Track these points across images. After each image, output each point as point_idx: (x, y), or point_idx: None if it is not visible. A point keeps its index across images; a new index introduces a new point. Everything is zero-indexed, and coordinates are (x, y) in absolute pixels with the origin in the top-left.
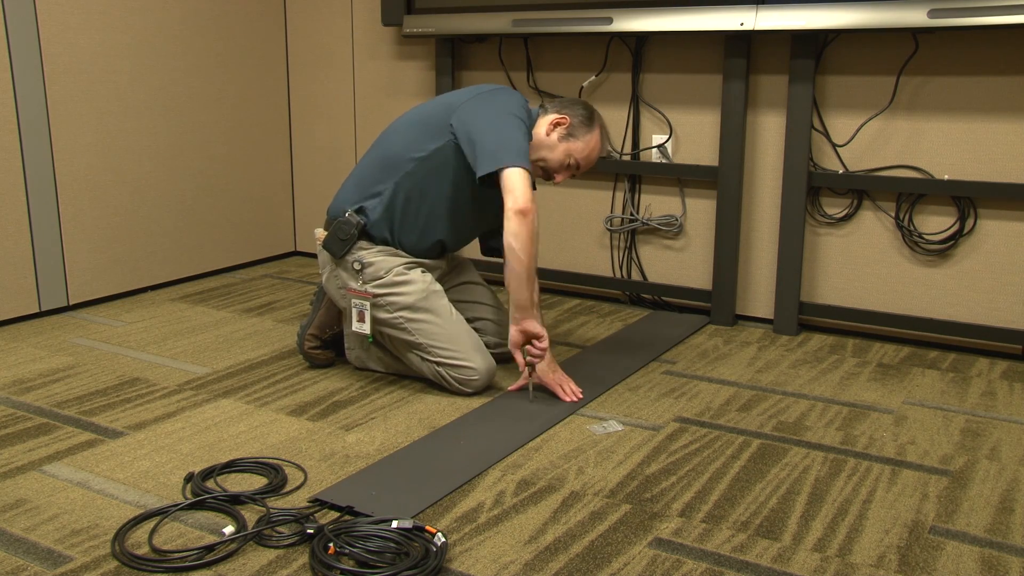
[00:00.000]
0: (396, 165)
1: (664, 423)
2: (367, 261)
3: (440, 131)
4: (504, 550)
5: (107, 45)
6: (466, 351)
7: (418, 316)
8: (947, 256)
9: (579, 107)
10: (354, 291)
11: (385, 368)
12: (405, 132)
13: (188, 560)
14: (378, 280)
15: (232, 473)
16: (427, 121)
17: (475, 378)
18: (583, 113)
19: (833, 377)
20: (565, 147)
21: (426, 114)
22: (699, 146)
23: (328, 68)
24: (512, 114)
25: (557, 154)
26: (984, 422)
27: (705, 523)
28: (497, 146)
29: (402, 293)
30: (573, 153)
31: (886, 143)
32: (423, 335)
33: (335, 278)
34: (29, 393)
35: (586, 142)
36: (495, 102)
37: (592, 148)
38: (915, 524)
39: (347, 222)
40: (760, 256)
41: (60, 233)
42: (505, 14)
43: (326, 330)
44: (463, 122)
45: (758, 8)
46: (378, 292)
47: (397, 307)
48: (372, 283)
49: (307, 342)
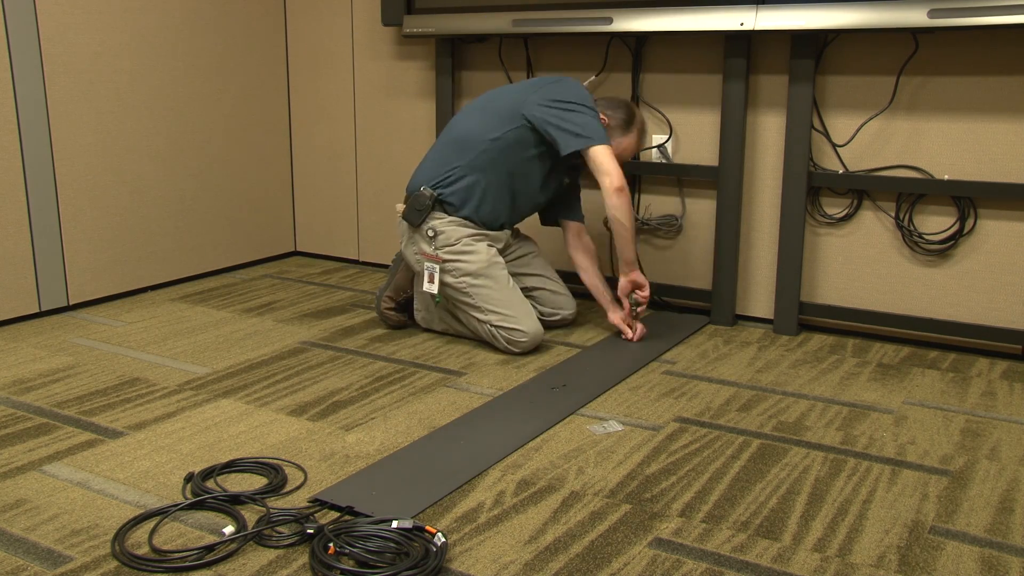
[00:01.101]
0: (471, 146)
1: (664, 423)
2: (440, 229)
3: (512, 117)
4: (504, 550)
5: (107, 45)
6: (518, 315)
7: (478, 282)
8: (947, 256)
9: (621, 109)
10: (427, 255)
11: (445, 328)
12: (478, 117)
13: (188, 560)
14: (448, 247)
15: (232, 473)
16: (498, 109)
17: (523, 340)
18: (622, 117)
19: (833, 377)
20: None
21: (495, 103)
22: (699, 146)
23: (328, 68)
24: (583, 103)
25: None
26: (984, 422)
27: (705, 523)
28: (581, 128)
29: (467, 261)
30: None
31: (886, 143)
32: (481, 299)
33: (412, 244)
34: (29, 393)
35: (619, 143)
36: (569, 91)
37: (625, 149)
38: (915, 524)
39: (423, 195)
40: (760, 256)
41: (60, 233)
42: (505, 14)
43: (400, 293)
44: (541, 108)
45: (758, 8)
46: (447, 258)
47: (462, 272)
48: (443, 249)
49: (383, 303)
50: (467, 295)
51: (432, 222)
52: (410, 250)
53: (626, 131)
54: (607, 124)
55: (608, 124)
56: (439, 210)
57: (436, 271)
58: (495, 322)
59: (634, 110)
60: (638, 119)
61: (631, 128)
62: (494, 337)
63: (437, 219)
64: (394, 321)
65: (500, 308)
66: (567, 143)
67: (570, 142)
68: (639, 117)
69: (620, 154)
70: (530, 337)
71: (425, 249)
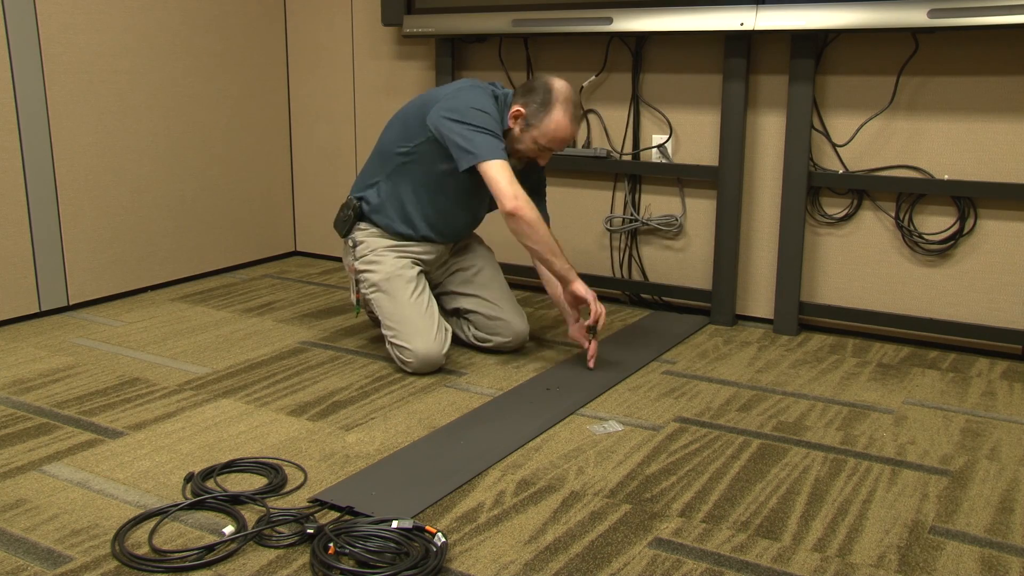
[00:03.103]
0: (388, 157)
1: (664, 423)
2: (359, 240)
3: (419, 129)
4: (504, 550)
5: (107, 45)
6: (409, 333)
7: (378, 294)
8: (947, 256)
9: (537, 92)
10: (349, 265)
11: None
12: (397, 127)
13: (188, 560)
14: (363, 257)
15: (232, 473)
16: (407, 120)
17: (410, 360)
18: (539, 97)
19: (833, 377)
20: (529, 137)
21: (407, 112)
22: (699, 146)
23: (328, 68)
24: (477, 109)
25: (526, 144)
26: (984, 422)
27: (705, 523)
28: (469, 141)
29: (373, 271)
30: (538, 139)
31: (886, 143)
32: (380, 311)
33: (345, 255)
34: (29, 393)
35: (546, 125)
36: (462, 99)
37: (555, 128)
38: (915, 524)
39: (347, 206)
40: (760, 256)
41: (60, 233)
42: (505, 14)
43: None
44: (437, 120)
45: (758, 8)
46: (360, 268)
47: (368, 283)
48: (359, 259)
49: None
50: (373, 306)
51: (355, 233)
52: (346, 260)
53: (546, 110)
54: (523, 114)
55: (524, 114)
56: (363, 220)
57: (354, 281)
58: (389, 337)
59: (553, 84)
60: (558, 91)
61: (551, 104)
62: (392, 354)
63: (360, 230)
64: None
65: (394, 323)
66: (459, 159)
67: (461, 158)
68: (560, 88)
69: (554, 133)
70: (418, 359)
71: (348, 259)
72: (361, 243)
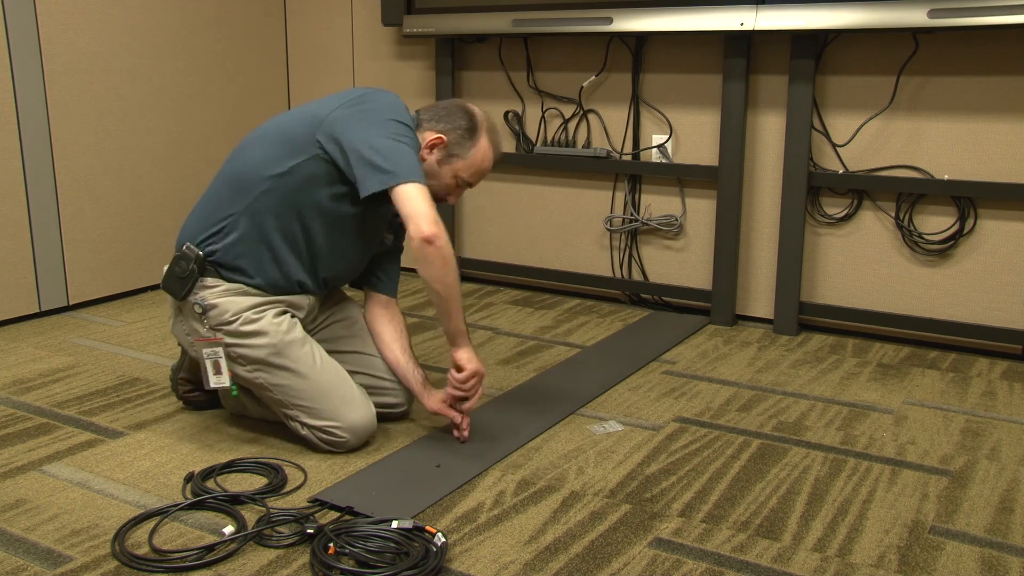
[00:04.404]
0: (248, 186)
1: (664, 423)
2: (209, 303)
3: (304, 145)
4: (504, 550)
5: (107, 45)
6: (334, 407)
7: (272, 372)
8: (947, 256)
9: (458, 116)
10: (202, 339)
11: (262, 415)
12: (261, 147)
13: (188, 560)
14: (225, 326)
15: (232, 473)
16: (287, 135)
17: (344, 437)
18: (463, 124)
19: (833, 377)
20: (449, 170)
21: (286, 126)
22: (699, 146)
23: (328, 68)
24: (396, 120)
25: (443, 179)
26: (984, 422)
27: (705, 523)
28: (385, 159)
29: (252, 345)
30: (460, 173)
31: (886, 143)
32: (281, 391)
33: (180, 321)
34: (29, 393)
35: (473, 156)
36: (374, 107)
37: (483, 159)
38: (915, 524)
39: (185, 256)
40: (760, 256)
41: (60, 233)
42: (505, 14)
43: (198, 372)
44: (336, 133)
45: (758, 8)
46: (229, 342)
47: (249, 361)
48: (220, 329)
49: (180, 386)
50: (266, 389)
51: (200, 293)
52: (179, 329)
53: (472, 139)
54: (445, 142)
55: (447, 142)
56: (210, 274)
57: (221, 357)
58: (304, 420)
59: (473, 110)
60: (481, 119)
61: (477, 133)
62: (310, 439)
63: (207, 288)
64: (200, 401)
65: (306, 400)
66: (366, 181)
67: (368, 180)
68: (481, 115)
69: (479, 167)
70: (355, 434)
71: (198, 330)
72: (213, 307)
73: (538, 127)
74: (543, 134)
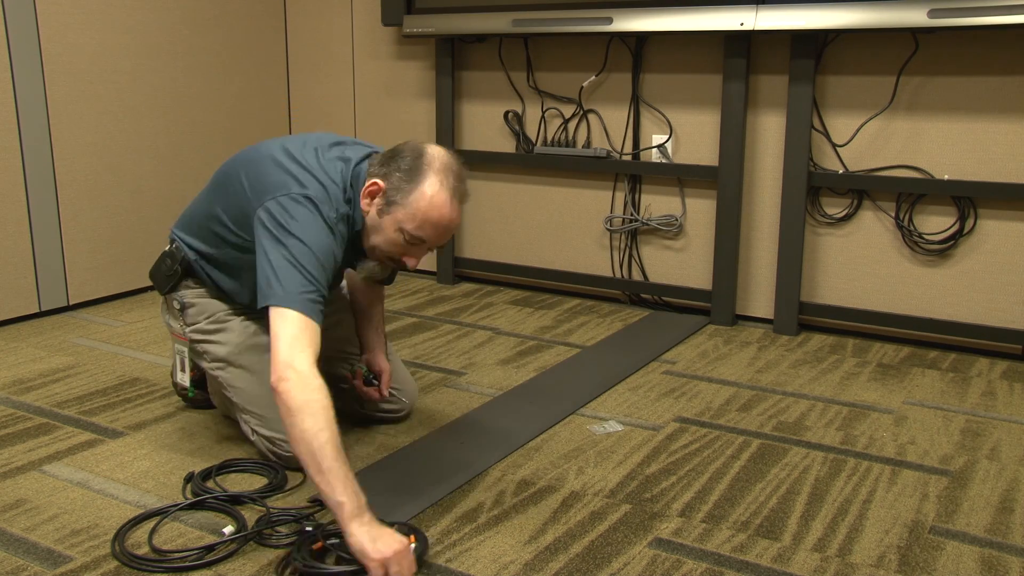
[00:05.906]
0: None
1: (664, 423)
2: (188, 302)
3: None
4: (504, 550)
5: (107, 45)
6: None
7: (230, 372)
8: (947, 256)
9: (402, 156)
10: (175, 333)
11: None
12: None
13: (188, 560)
14: (195, 325)
15: (232, 473)
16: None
17: (290, 455)
18: (404, 165)
19: (833, 377)
20: (391, 221)
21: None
22: (699, 146)
23: (328, 68)
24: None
25: (387, 234)
26: (984, 422)
27: (705, 523)
28: (273, 273)
29: (216, 342)
30: (404, 224)
31: (886, 143)
32: (235, 393)
33: (164, 313)
34: (29, 393)
35: (414, 202)
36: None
37: (428, 206)
38: (915, 524)
39: (173, 255)
40: (760, 256)
41: (60, 233)
42: (505, 14)
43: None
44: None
45: (758, 8)
46: (195, 338)
47: (212, 357)
48: (192, 327)
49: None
50: (225, 388)
51: (182, 291)
52: (164, 319)
53: (415, 179)
54: (381, 188)
55: (384, 188)
56: (194, 276)
57: (186, 356)
58: (253, 426)
59: (425, 149)
60: (431, 159)
61: (422, 173)
62: (258, 446)
63: (188, 287)
64: (198, 401)
65: (257, 407)
66: (260, 293)
67: (261, 292)
68: (436, 153)
69: (425, 216)
70: None
71: (173, 326)
72: (191, 306)
73: (538, 127)
74: (543, 134)
